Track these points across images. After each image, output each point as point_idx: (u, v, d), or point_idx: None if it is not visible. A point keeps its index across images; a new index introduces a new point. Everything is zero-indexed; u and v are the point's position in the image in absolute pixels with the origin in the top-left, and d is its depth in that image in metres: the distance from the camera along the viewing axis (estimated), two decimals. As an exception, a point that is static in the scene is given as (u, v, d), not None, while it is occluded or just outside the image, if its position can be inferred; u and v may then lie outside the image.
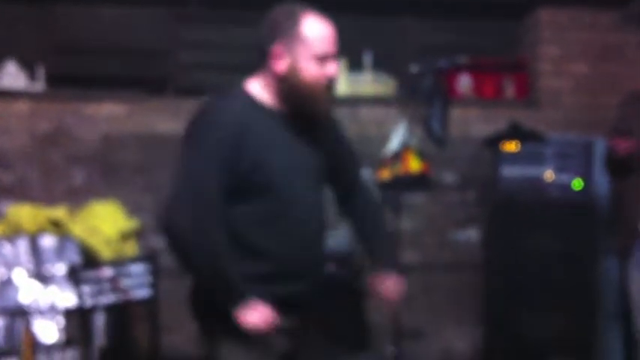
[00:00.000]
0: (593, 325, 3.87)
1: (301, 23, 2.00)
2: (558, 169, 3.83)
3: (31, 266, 3.40)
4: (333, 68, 2.04)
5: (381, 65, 4.39)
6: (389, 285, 2.25)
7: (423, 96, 3.27)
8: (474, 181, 4.35)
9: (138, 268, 3.35)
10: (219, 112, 2.05)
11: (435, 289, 3.95)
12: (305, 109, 2.06)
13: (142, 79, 4.26)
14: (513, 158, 3.88)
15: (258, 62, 2.07)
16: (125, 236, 3.80)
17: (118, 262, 3.46)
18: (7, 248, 3.39)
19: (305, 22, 2.00)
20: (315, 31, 2.01)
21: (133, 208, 3.98)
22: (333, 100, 2.13)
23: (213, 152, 1.99)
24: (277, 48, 1.99)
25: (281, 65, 2.01)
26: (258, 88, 2.08)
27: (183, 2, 4.29)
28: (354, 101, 4.25)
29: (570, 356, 3.66)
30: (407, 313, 3.78)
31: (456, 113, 4.26)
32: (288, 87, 2.03)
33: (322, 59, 2.01)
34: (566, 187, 3.80)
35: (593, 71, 4.41)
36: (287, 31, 1.99)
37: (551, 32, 4.37)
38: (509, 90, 4.43)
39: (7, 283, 3.36)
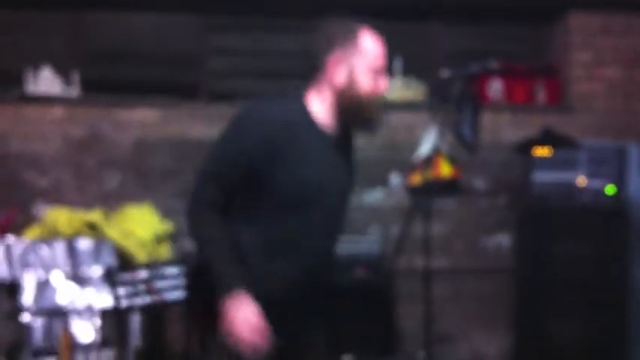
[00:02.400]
0: (623, 331, 3.84)
1: (360, 37, 2.05)
2: (591, 175, 3.82)
3: (68, 268, 3.47)
4: (384, 82, 2.10)
5: (412, 71, 4.39)
6: None
7: (454, 101, 3.27)
8: (505, 186, 4.35)
9: (171, 271, 3.38)
10: (264, 112, 2.06)
11: (465, 295, 3.95)
12: (358, 120, 2.11)
13: (174, 86, 4.30)
14: (545, 164, 3.88)
15: (310, 72, 2.11)
16: (159, 239, 3.86)
17: (153, 265, 3.51)
18: (45, 251, 3.47)
19: (363, 37, 2.05)
20: (372, 45, 2.06)
21: (166, 212, 4.03)
22: (383, 113, 2.17)
23: (244, 156, 2.02)
24: (335, 59, 2.04)
25: (338, 75, 2.05)
26: (316, 102, 2.11)
27: (213, 10, 4.34)
28: (384, 107, 4.27)
29: (599, 360, 3.64)
30: (437, 318, 3.80)
31: (487, 118, 4.26)
32: (345, 96, 2.06)
33: (376, 73, 2.06)
34: (599, 193, 3.79)
35: (625, 76, 4.39)
36: (345, 44, 2.04)
37: (582, 37, 4.36)
38: (541, 95, 4.42)
39: (46, 284, 3.44)
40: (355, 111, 2.07)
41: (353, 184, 2.26)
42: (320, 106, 2.09)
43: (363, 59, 2.04)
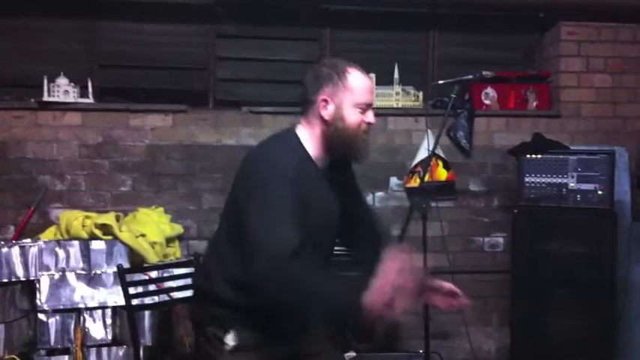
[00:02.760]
0: (615, 327, 3.90)
1: (346, 75, 2.19)
2: (580, 177, 3.87)
3: (82, 268, 3.55)
4: (371, 116, 2.23)
5: (409, 78, 4.47)
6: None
7: (449, 107, 3.39)
8: (499, 188, 4.45)
9: (181, 271, 3.42)
10: (285, 160, 2.11)
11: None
12: (345, 151, 2.23)
13: (184, 93, 4.35)
14: (536, 167, 3.94)
15: (303, 111, 2.26)
16: (169, 240, 3.94)
17: (163, 265, 3.58)
18: (60, 252, 3.54)
19: (349, 75, 2.20)
20: (358, 82, 2.20)
21: (176, 214, 4.16)
22: (368, 145, 2.26)
23: (289, 204, 2.02)
24: (324, 96, 2.19)
25: (327, 111, 2.19)
26: (306, 137, 2.23)
27: (221, 21, 4.41)
28: (383, 113, 4.35)
29: (594, 357, 3.67)
30: (436, 315, 3.86)
31: (481, 124, 4.43)
32: (333, 130, 2.19)
33: (363, 108, 2.20)
34: (588, 195, 3.84)
35: (613, 83, 4.47)
36: (333, 82, 2.19)
37: (572, 46, 4.44)
38: (532, 101, 4.50)
39: (61, 284, 3.52)
40: (342, 144, 2.19)
41: (338, 213, 2.32)
42: (310, 141, 2.22)
43: (349, 96, 2.17)
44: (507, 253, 4.33)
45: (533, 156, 3.98)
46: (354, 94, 2.18)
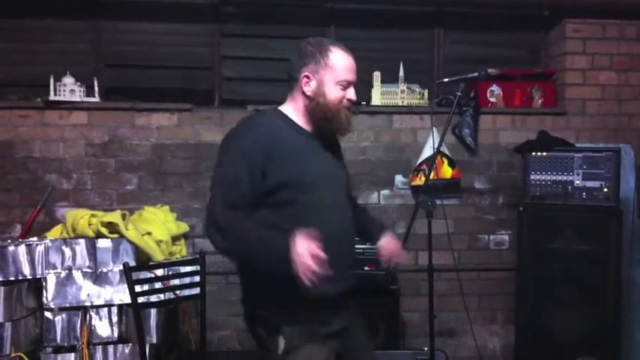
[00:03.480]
0: (620, 325, 3.89)
1: (328, 53, 2.30)
2: (585, 175, 3.87)
3: (88, 267, 3.55)
4: (352, 93, 2.35)
5: (415, 77, 4.48)
6: (388, 244, 2.50)
7: (455, 105, 3.39)
8: (504, 186, 4.45)
9: (187, 269, 3.44)
10: (254, 125, 2.30)
11: (466, 290, 4.04)
12: (328, 125, 2.35)
13: (189, 92, 4.38)
14: (542, 164, 3.95)
15: (289, 87, 2.38)
16: (175, 239, 3.95)
17: (169, 263, 3.59)
18: (67, 250, 3.55)
19: (331, 53, 2.31)
20: (340, 61, 2.31)
21: (182, 212, 4.17)
22: (352, 120, 2.39)
23: (246, 159, 2.21)
24: (307, 73, 2.30)
25: (309, 87, 2.31)
26: (290, 110, 2.37)
27: (226, 20, 4.43)
28: (388, 111, 4.38)
29: (598, 354, 3.67)
30: (441, 313, 3.89)
31: (487, 121, 4.43)
32: (315, 106, 2.31)
33: (343, 85, 2.32)
34: (594, 192, 3.84)
35: (619, 81, 4.47)
36: (316, 60, 2.30)
37: (577, 43, 4.44)
38: (538, 99, 4.49)
39: (67, 282, 3.53)
40: (324, 119, 2.32)
41: (345, 170, 2.50)
42: (295, 114, 2.35)
43: (331, 73, 2.28)
44: (512, 251, 4.33)
45: (539, 153, 3.98)
46: (335, 72, 2.31)
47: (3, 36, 4.31)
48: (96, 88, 4.20)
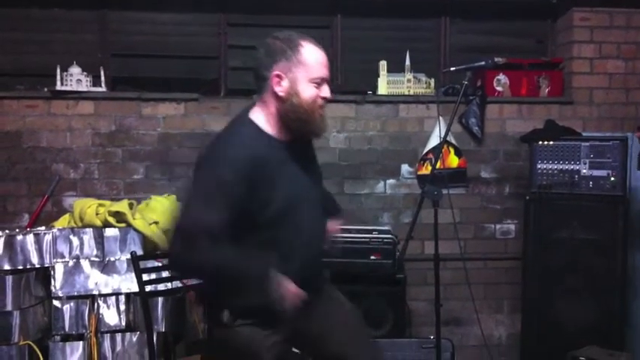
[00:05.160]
0: (626, 314, 3.90)
1: (300, 49, 2.14)
2: (592, 164, 3.87)
3: (96, 256, 3.57)
4: (326, 90, 2.20)
5: (421, 66, 4.47)
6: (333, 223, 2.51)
7: (461, 94, 3.38)
8: (511, 175, 4.44)
9: None
10: (232, 149, 2.14)
11: (472, 279, 4.04)
12: (303, 128, 2.20)
13: (196, 81, 4.38)
14: (548, 154, 3.95)
15: (257, 89, 2.22)
16: (182, 228, 3.98)
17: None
18: (74, 239, 3.56)
19: (303, 49, 2.15)
20: (312, 57, 2.16)
21: (188, 202, 4.20)
22: (326, 121, 2.27)
23: (222, 192, 2.05)
24: (278, 72, 2.14)
25: (281, 87, 2.14)
26: (262, 119, 2.20)
27: (232, 9, 4.42)
28: (394, 100, 4.37)
29: (604, 343, 3.66)
30: (447, 302, 3.91)
31: (493, 111, 4.42)
32: (288, 107, 2.15)
33: (317, 82, 2.17)
34: (600, 181, 3.84)
35: (626, 70, 4.45)
36: (286, 56, 2.14)
37: (584, 32, 4.42)
38: (544, 88, 4.48)
39: (75, 271, 3.54)
40: (297, 120, 2.16)
41: (319, 172, 2.40)
42: (267, 123, 2.18)
43: (303, 70, 2.12)
44: (519, 240, 4.33)
45: (546, 143, 3.98)
46: (309, 69, 2.15)
47: (10, 26, 4.31)
48: (102, 78, 4.21)
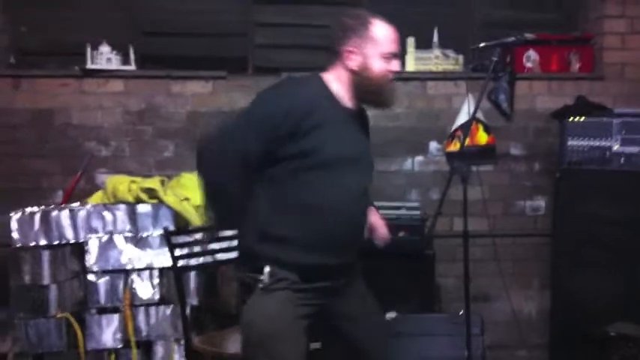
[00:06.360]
0: None
1: (370, 26, 2.30)
2: (623, 140, 3.84)
3: (129, 231, 3.63)
4: (396, 65, 2.35)
5: (449, 42, 4.45)
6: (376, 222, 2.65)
7: (490, 71, 3.36)
8: (540, 152, 4.42)
9: (225, 233, 3.38)
10: (286, 94, 2.28)
11: (501, 256, 4.05)
12: (373, 98, 2.37)
13: (223, 59, 4.38)
14: (579, 130, 3.91)
15: (330, 60, 2.37)
16: (212, 204, 4.02)
17: (207, 227, 3.55)
18: (108, 215, 3.62)
19: (373, 26, 2.30)
20: (382, 33, 2.31)
21: (218, 178, 4.23)
22: (395, 92, 2.42)
23: (262, 125, 2.21)
24: (350, 47, 2.30)
25: (354, 62, 2.30)
26: (333, 81, 2.35)
27: None
28: (422, 78, 4.35)
29: (634, 319, 3.66)
30: (476, 278, 3.86)
31: (523, 87, 4.38)
32: (360, 80, 2.31)
33: (387, 57, 2.31)
34: (631, 158, 3.81)
35: None
36: (359, 33, 2.29)
37: (615, 7, 4.36)
38: (575, 64, 4.44)
39: (109, 246, 3.61)
40: (369, 92, 2.33)
41: (369, 151, 2.47)
42: (337, 86, 2.33)
43: (374, 47, 2.28)
44: (548, 217, 4.33)
45: (577, 119, 3.95)
46: (379, 45, 2.30)
47: (40, 4, 4.35)
48: (132, 57, 4.24)
